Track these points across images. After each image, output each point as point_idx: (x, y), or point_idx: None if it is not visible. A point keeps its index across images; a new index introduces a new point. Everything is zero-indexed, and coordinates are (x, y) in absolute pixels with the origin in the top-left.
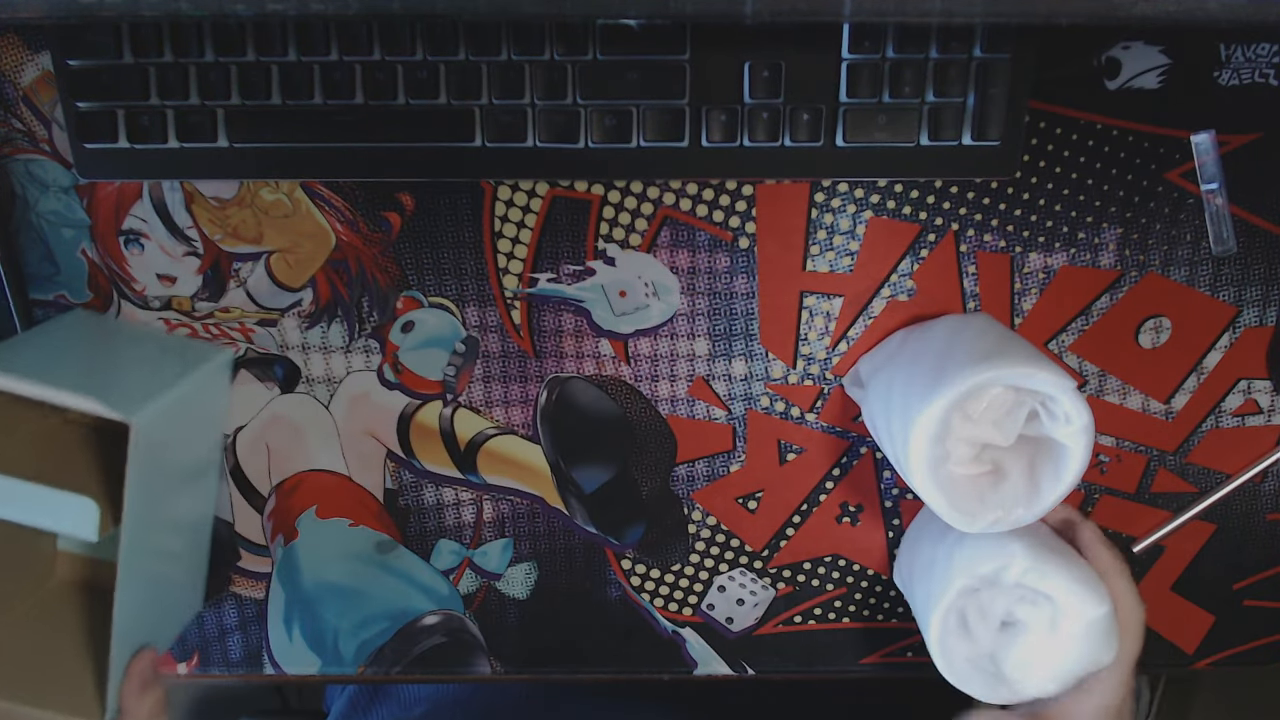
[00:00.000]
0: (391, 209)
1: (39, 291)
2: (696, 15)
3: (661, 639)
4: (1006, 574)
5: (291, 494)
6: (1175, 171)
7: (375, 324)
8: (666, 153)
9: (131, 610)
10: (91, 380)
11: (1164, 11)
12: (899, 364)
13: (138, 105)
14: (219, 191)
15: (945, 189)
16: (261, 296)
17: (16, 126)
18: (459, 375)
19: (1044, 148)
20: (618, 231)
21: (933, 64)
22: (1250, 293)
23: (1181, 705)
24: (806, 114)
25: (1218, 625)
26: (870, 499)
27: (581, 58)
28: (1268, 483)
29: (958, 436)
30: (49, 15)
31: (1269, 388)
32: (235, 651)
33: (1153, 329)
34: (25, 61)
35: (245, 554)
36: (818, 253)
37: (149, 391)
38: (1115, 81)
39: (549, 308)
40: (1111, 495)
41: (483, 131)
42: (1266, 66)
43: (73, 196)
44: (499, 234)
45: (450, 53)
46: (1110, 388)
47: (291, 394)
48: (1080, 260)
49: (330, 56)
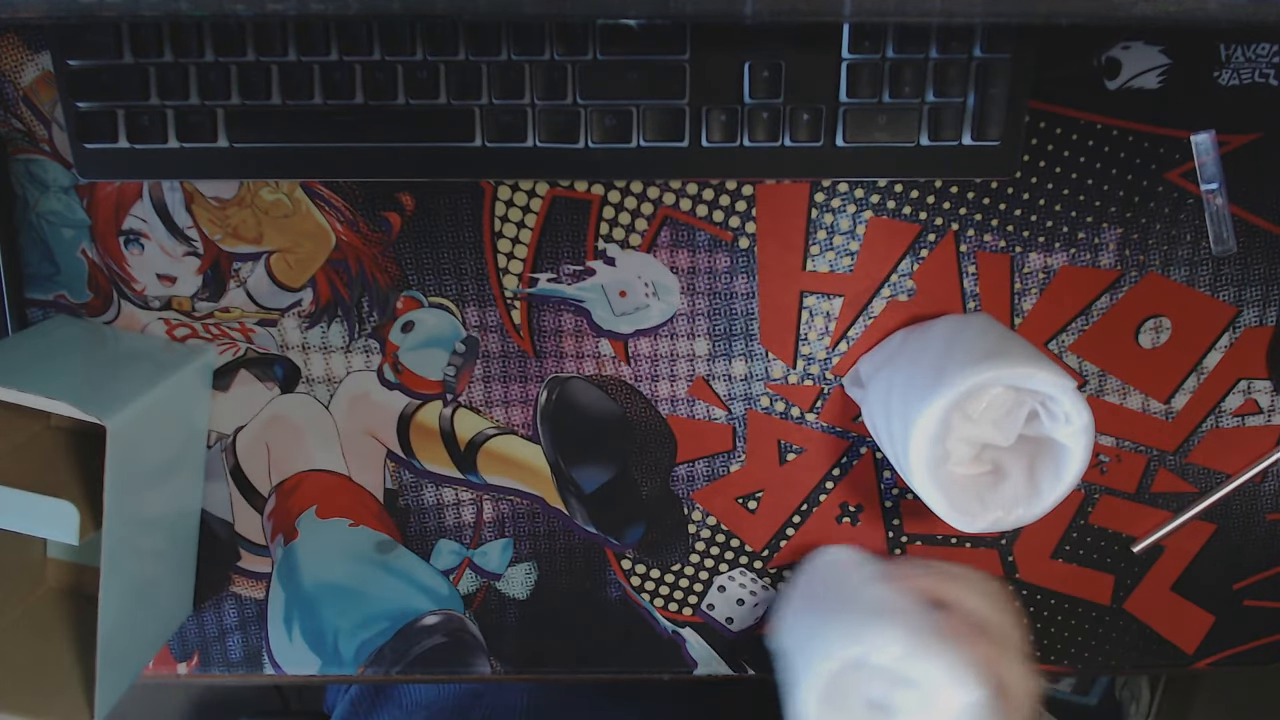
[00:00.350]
0: (391, 209)
1: (39, 291)
2: (696, 15)
3: (661, 639)
4: (878, 657)
5: (291, 494)
6: (1175, 171)
7: (375, 324)
8: (666, 153)
9: (117, 614)
10: (69, 384)
11: (1164, 11)
12: (899, 364)
13: (138, 105)
14: (219, 191)
15: (945, 189)
16: (261, 296)
17: (16, 126)
18: (459, 375)
19: (1044, 148)
20: (618, 231)
21: (933, 64)
22: (1250, 293)
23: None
24: (806, 114)
25: (1218, 625)
26: (870, 499)
27: (581, 58)
28: (1268, 483)
29: (958, 436)
30: (49, 15)
31: (1269, 388)
32: (235, 651)
33: (1153, 329)
34: (25, 61)
35: (245, 554)
36: (818, 253)
37: (126, 394)
38: (1115, 81)
39: (549, 308)
40: (1111, 495)
41: (483, 131)
42: (1266, 66)
43: (73, 196)
44: (499, 234)
45: (450, 53)
46: (1110, 388)
47: (291, 394)
48: (1080, 260)
49: (330, 56)
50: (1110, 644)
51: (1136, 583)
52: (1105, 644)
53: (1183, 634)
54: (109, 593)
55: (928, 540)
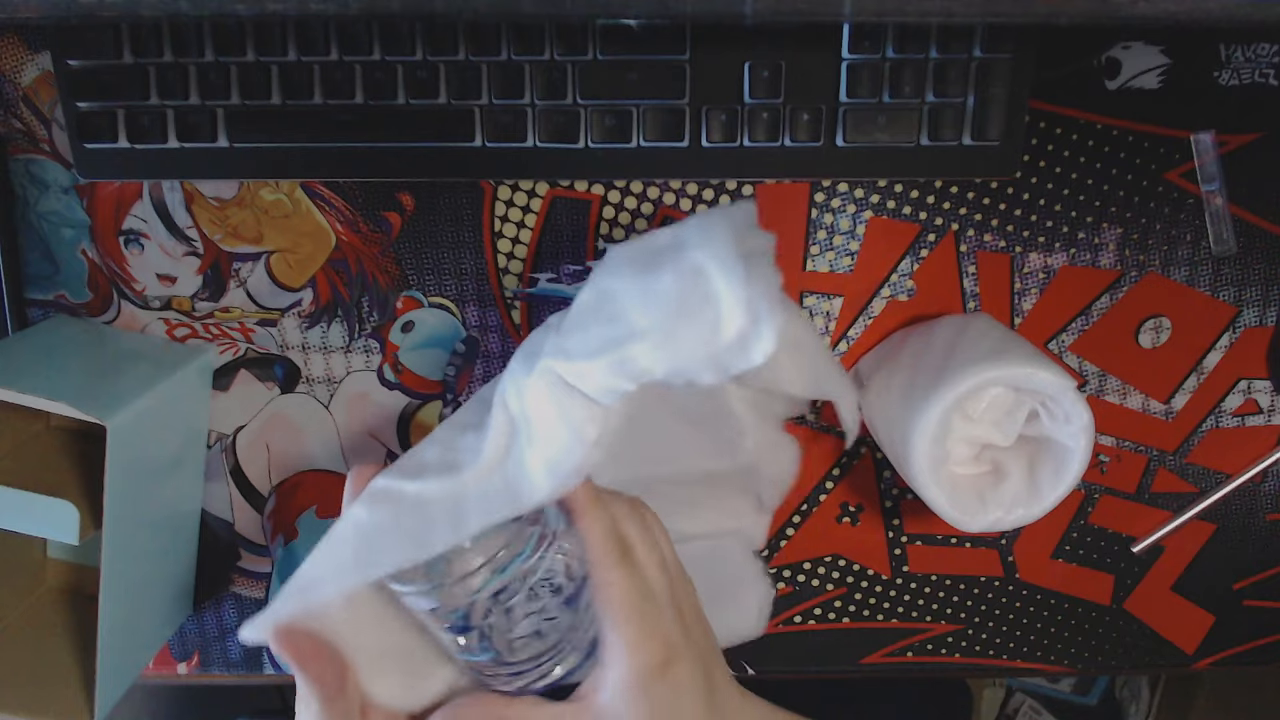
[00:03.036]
0: (391, 209)
1: (39, 291)
2: (696, 15)
3: None
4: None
5: (291, 494)
6: (1175, 171)
7: (375, 324)
8: (666, 153)
9: (117, 614)
10: (69, 384)
11: (1164, 11)
12: (899, 364)
13: (138, 105)
14: (219, 191)
15: (945, 189)
16: (261, 296)
17: (16, 126)
18: (459, 375)
19: (1044, 148)
20: (618, 231)
21: (933, 64)
22: (1250, 293)
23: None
24: (806, 114)
25: (1218, 625)
26: (870, 499)
27: (581, 58)
28: (1268, 483)
29: (958, 436)
30: (49, 15)
31: (1269, 388)
32: (235, 651)
33: (1153, 329)
34: (25, 61)
35: (245, 554)
36: (818, 253)
37: (126, 394)
38: (1115, 81)
39: (549, 308)
40: (1111, 495)
41: (483, 131)
42: (1266, 66)
43: (73, 196)
44: (499, 234)
45: (450, 53)
46: (1110, 388)
47: (291, 394)
48: (1080, 260)
49: (330, 56)
50: (1110, 644)
51: (1136, 583)
52: (1105, 644)
53: (1183, 634)
54: (109, 593)
55: (928, 540)
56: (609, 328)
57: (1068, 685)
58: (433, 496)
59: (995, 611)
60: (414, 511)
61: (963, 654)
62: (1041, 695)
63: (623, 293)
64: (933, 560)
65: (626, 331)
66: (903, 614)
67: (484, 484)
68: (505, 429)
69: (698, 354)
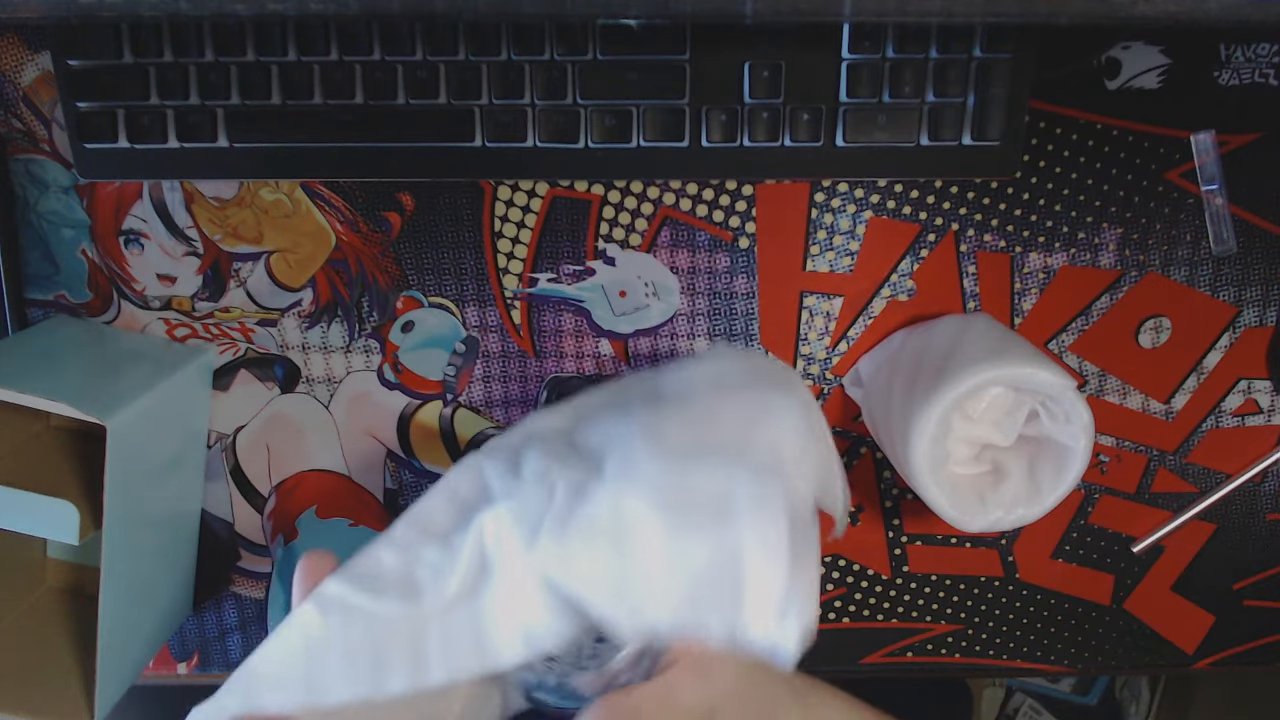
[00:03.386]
0: (391, 209)
1: (39, 291)
2: (696, 15)
3: None
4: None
5: (291, 494)
6: (1175, 171)
7: (375, 324)
8: (666, 153)
9: (117, 614)
10: (69, 384)
11: (1164, 11)
12: (899, 364)
13: (138, 105)
14: (219, 191)
15: (945, 189)
16: (261, 296)
17: (16, 126)
18: (459, 375)
19: (1044, 148)
20: (618, 231)
21: (933, 64)
22: (1250, 293)
23: (1181, 705)
24: (806, 114)
25: (1218, 625)
26: (870, 499)
27: (581, 58)
28: (1268, 483)
29: (958, 436)
30: (49, 15)
31: (1269, 388)
32: (235, 651)
33: (1153, 329)
34: (25, 61)
35: (245, 554)
36: (818, 253)
37: (126, 394)
38: (1115, 81)
39: (549, 308)
40: (1111, 495)
41: (483, 131)
42: (1266, 66)
43: (73, 196)
44: (499, 234)
45: (450, 53)
46: (1110, 388)
47: (291, 394)
48: (1080, 260)
49: (330, 56)
50: (1110, 644)
51: (1136, 583)
52: (1105, 644)
53: (1183, 634)
54: (109, 593)
55: (928, 540)
56: (619, 558)
57: (1068, 685)
58: (389, 619)
59: (995, 611)
60: (367, 634)
61: (963, 654)
62: (1041, 695)
63: (644, 521)
64: (933, 560)
65: (644, 582)
66: (903, 614)
67: (447, 623)
68: (476, 563)
69: (714, 631)
